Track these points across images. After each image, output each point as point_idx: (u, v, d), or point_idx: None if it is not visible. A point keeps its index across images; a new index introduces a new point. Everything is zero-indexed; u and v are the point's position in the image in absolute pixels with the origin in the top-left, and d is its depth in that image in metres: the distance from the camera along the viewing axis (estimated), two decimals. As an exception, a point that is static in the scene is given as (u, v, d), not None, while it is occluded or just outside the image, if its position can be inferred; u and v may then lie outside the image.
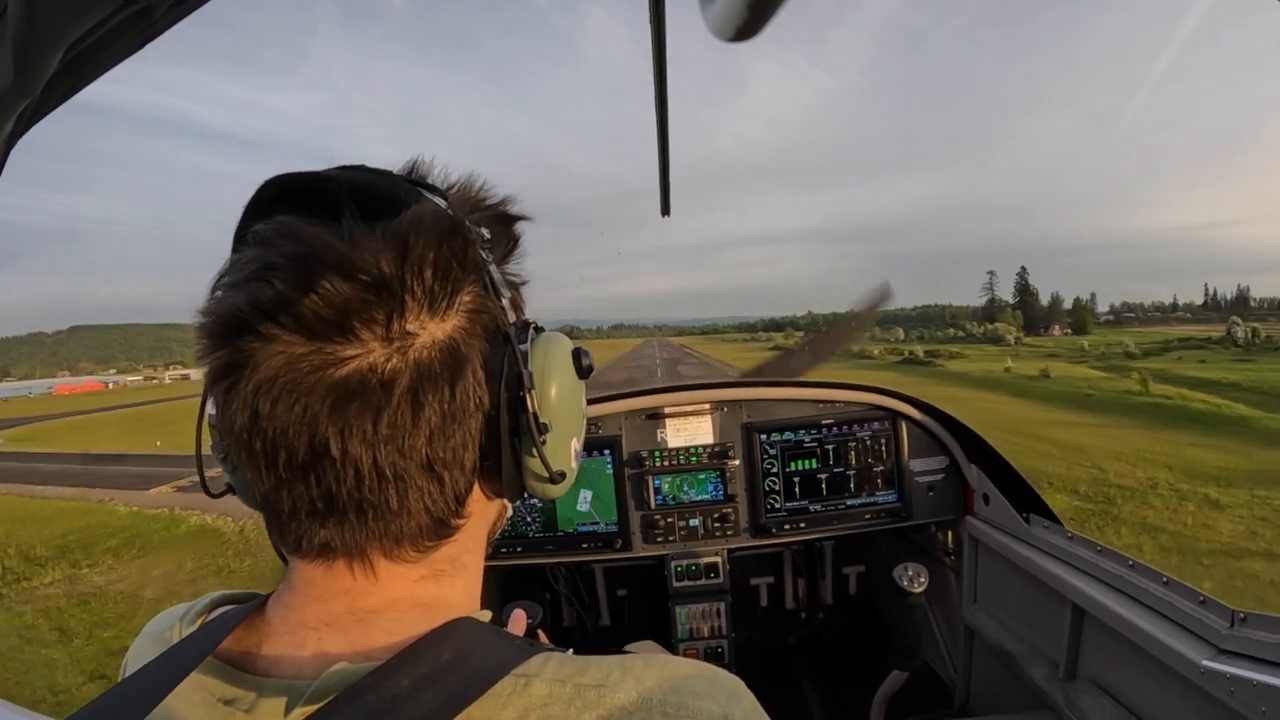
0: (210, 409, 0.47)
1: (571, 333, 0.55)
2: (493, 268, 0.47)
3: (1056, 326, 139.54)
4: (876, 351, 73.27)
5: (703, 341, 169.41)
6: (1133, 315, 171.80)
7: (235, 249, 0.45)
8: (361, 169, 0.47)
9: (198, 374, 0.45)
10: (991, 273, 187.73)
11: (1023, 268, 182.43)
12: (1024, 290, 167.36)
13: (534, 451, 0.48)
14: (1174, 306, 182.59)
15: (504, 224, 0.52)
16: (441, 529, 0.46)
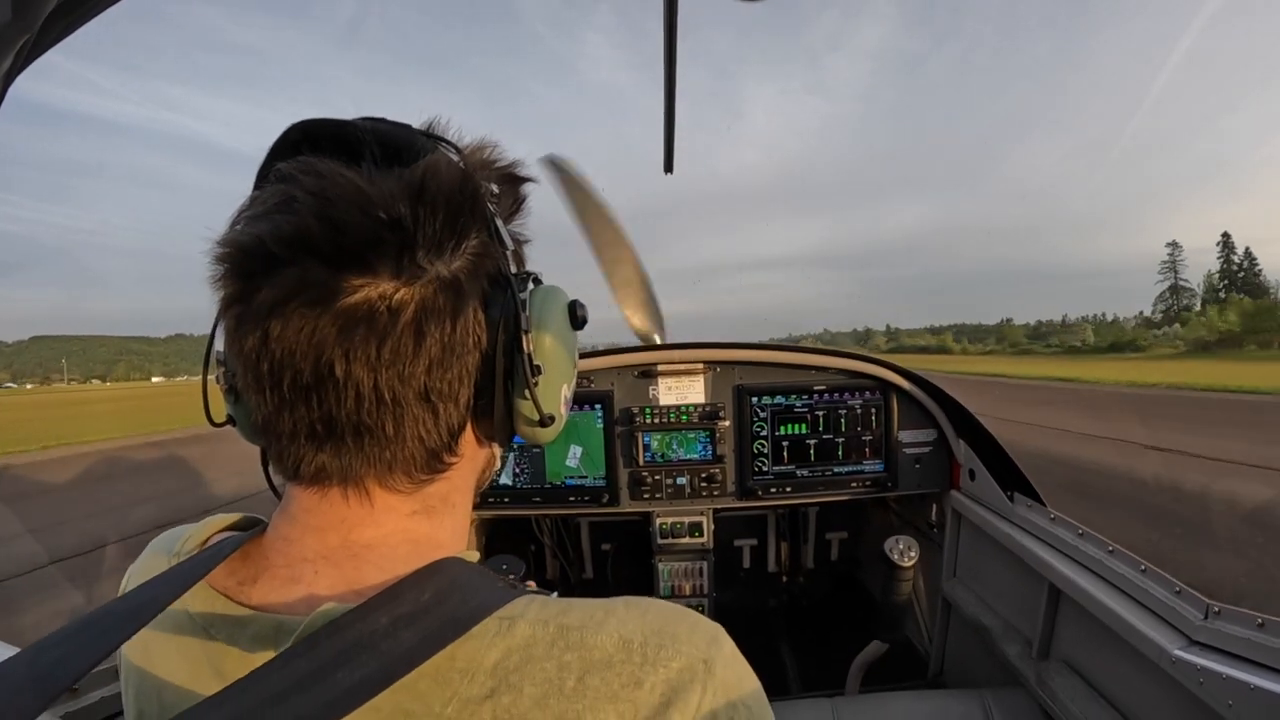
0: (218, 344, 0.49)
1: None
2: (498, 221, 0.49)
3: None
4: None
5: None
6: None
7: (257, 187, 0.47)
8: (383, 120, 0.49)
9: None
10: (1173, 244, 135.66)
11: (1225, 234, 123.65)
12: (1245, 269, 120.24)
13: (526, 393, 0.49)
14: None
15: (511, 184, 0.54)
16: (434, 462, 0.48)
